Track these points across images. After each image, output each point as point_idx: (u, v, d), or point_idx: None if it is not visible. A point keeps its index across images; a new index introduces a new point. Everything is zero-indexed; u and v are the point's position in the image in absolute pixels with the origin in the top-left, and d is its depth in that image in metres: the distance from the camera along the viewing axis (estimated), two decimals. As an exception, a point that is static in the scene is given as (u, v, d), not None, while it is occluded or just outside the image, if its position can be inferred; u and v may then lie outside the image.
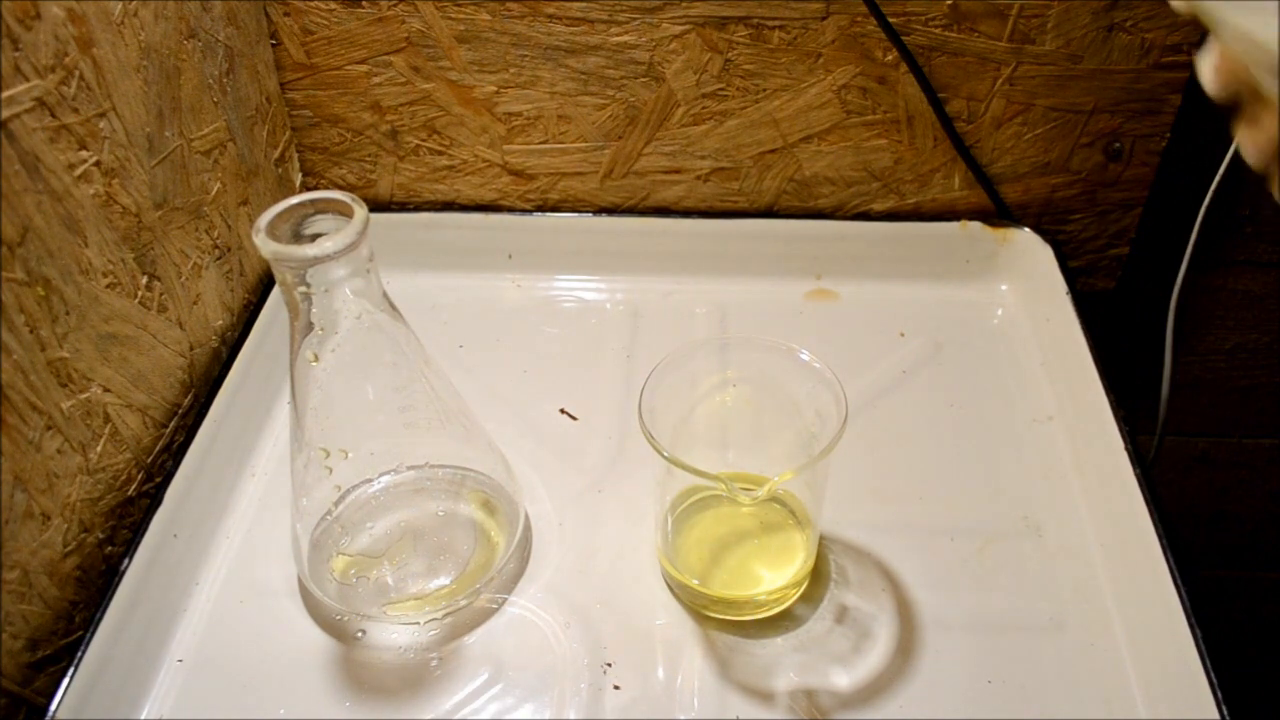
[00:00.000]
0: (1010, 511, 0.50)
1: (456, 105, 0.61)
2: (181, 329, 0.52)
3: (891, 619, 0.46)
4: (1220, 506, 0.85)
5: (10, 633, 0.40)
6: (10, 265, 0.39)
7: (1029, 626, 0.45)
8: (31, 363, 0.40)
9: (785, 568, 0.46)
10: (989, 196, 0.64)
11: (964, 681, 0.43)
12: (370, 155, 0.64)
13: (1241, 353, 0.74)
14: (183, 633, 0.46)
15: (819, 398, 0.43)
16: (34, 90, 0.40)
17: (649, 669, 0.44)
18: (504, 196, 0.66)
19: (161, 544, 0.46)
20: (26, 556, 0.41)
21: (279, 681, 0.44)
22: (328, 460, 0.43)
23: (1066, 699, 0.43)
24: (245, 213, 0.58)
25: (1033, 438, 0.54)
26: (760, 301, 0.63)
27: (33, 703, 0.42)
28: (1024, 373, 0.58)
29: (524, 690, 0.43)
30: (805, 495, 0.46)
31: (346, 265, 0.37)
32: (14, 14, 0.38)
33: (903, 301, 0.63)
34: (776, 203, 0.65)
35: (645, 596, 0.47)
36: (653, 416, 0.41)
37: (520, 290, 0.65)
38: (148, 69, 0.47)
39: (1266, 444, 0.80)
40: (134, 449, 0.48)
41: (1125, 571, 0.46)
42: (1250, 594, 0.91)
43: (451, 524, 0.48)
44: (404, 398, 0.44)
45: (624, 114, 0.61)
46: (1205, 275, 0.69)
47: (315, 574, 0.45)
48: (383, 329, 0.41)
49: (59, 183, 0.41)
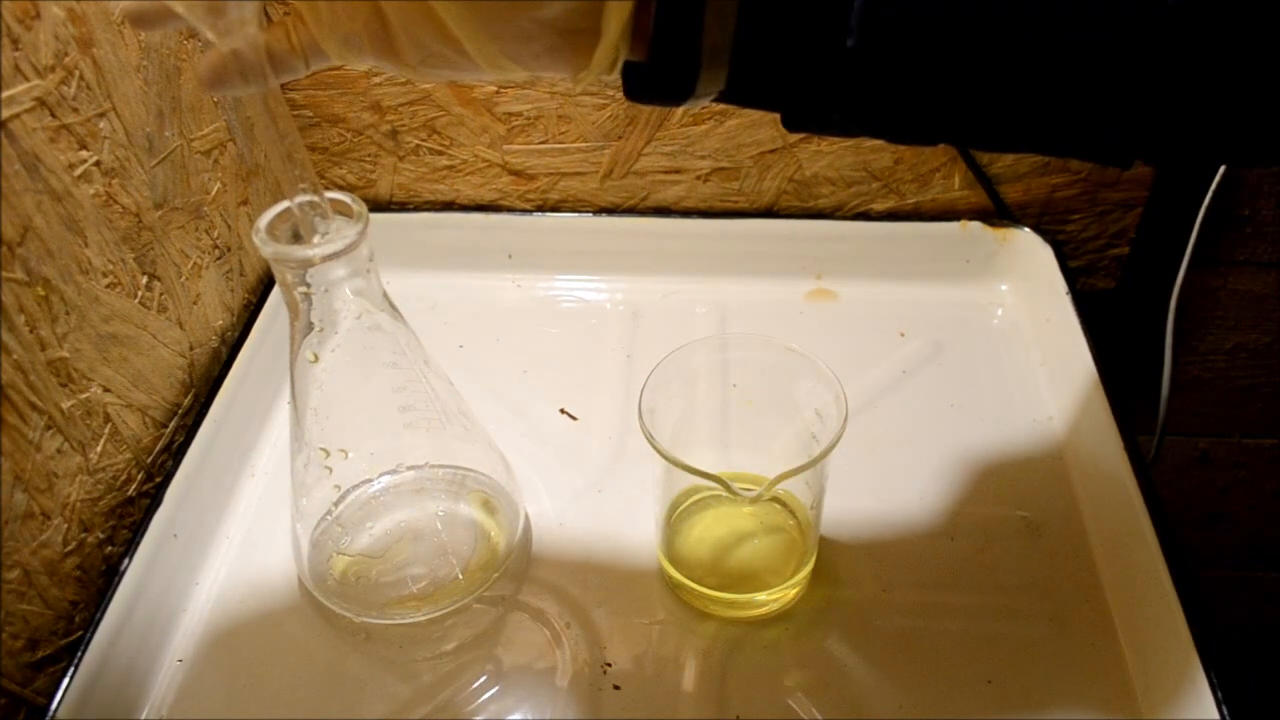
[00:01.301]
0: (1010, 511, 0.50)
1: (456, 105, 0.61)
2: (181, 329, 0.52)
3: (891, 619, 0.45)
4: (1220, 506, 0.85)
5: (10, 633, 0.40)
6: (10, 265, 0.39)
7: (1029, 626, 0.45)
8: (31, 363, 0.40)
9: (785, 568, 0.46)
10: (989, 196, 0.64)
11: (964, 681, 0.43)
12: (370, 155, 0.64)
13: (1241, 353, 0.74)
14: (183, 633, 0.46)
15: (819, 398, 0.43)
16: (34, 90, 0.40)
17: (649, 669, 0.44)
18: (504, 196, 0.66)
19: (161, 544, 0.46)
20: (26, 556, 0.41)
21: (279, 681, 0.44)
22: (328, 460, 0.43)
23: (1066, 699, 0.43)
24: (245, 213, 0.58)
25: (1033, 438, 0.54)
26: (760, 301, 0.63)
27: (33, 703, 0.42)
28: (1024, 373, 0.58)
29: (524, 690, 0.43)
30: (805, 495, 0.46)
31: (346, 265, 0.37)
32: (14, 14, 0.38)
33: (903, 301, 0.63)
34: (776, 203, 0.65)
35: (645, 596, 0.47)
36: (653, 416, 0.41)
37: (520, 290, 0.65)
38: (148, 69, 0.47)
39: (1266, 444, 0.80)
40: (134, 449, 0.48)
41: (1125, 571, 0.46)
42: (1250, 594, 0.91)
43: (451, 524, 0.48)
44: (404, 398, 0.44)
45: (624, 114, 0.61)
46: (1205, 275, 0.69)
47: (315, 574, 0.45)
48: (383, 329, 0.41)
49: (59, 183, 0.41)
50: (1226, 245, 0.68)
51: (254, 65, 0.29)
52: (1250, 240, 0.67)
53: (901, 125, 0.29)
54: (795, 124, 0.29)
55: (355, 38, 0.28)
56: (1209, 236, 0.66)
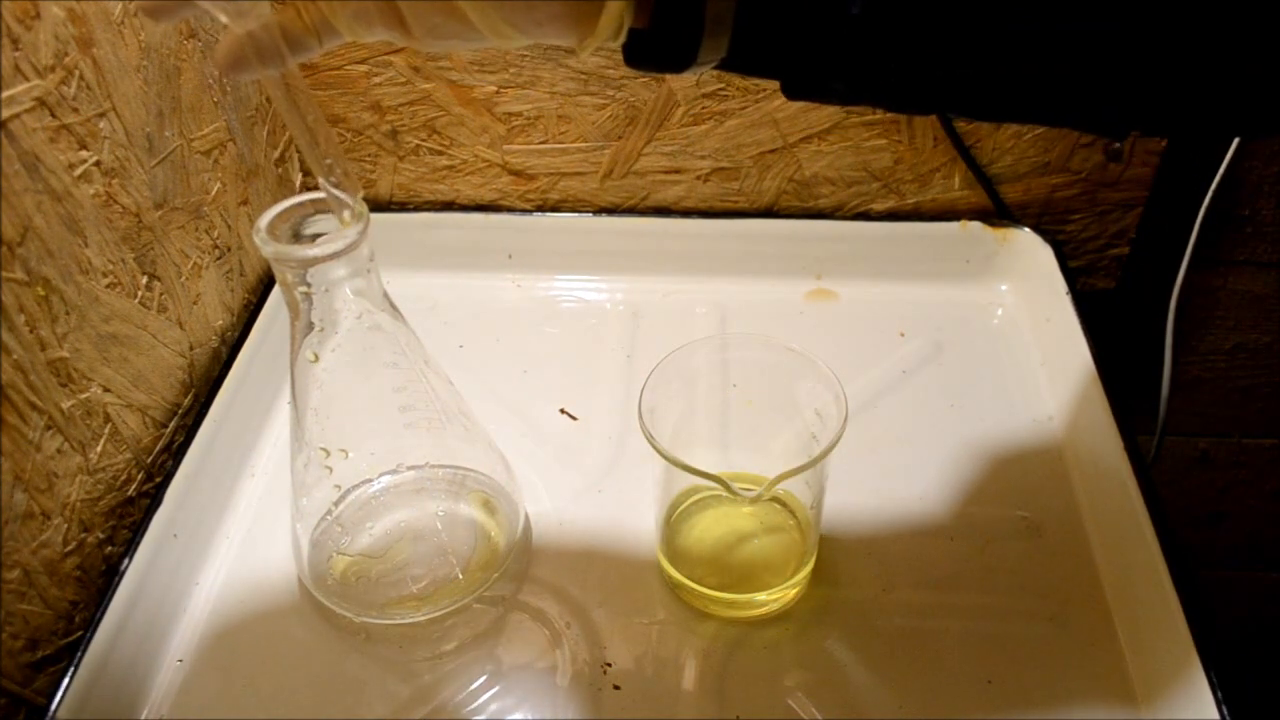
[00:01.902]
0: (1010, 511, 0.50)
1: (456, 105, 0.61)
2: (181, 329, 0.52)
3: (891, 619, 0.45)
4: (1220, 506, 0.85)
5: (10, 633, 0.40)
6: (10, 265, 0.39)
7: (1029, 626, 0.45)
8: (31, 363, 0.40)
9: (785, 568, 0.46)
10: (989, 196, 0.64)
11: (964, 681, 0.43)
12: (370, 155, 0.64)
13: (1241, 353, 0.74)
14: (183, 633, 0.46)
15: (819, 398, 0.43)
16: (34, 90, 0.40)
17: (649, 669, 0.44)
18: (504, 196, 0.66)
19: (161, 544, 0.46)
20: (26, 556, 0.41)
21: (279, 681, 0.44)
22: (328, 460, 0.43)
23: (1066, 699, 0.43)
24: (245, 213, 0.58)
25: (1033, 438, 0.54)
26: (760, 301, 0.63)
27: (33, 703, 0.42)
28: (1024, 373, 0.58)
29: (524, 690, 0.43)
30: (805, 495, 0.46)
31: (347, 265, 0.38)
32: (14, 14, 0.38)
33: (903, 301, 0.63)
34: (776, 203, 0.65)
35: (645, 596, 0.47)
36: (653, 416, 0.41)
37: (520, 290, 0.65)
38: (148, 69, 0.47)
39: (1266, 444, 0.80)
40: (134, 449, 0.48)
41: (1125, 571, 0.46)
42: (1250, 594, 0.91)
43: (451, 524, 0.48)
44: (404, 398, 0.44)
45: (624, 114, 0.61)
46: (1205, 275, 0.69)
47: (315, 574, 0.45)
48: (383, 329, 0.41)
49: (59, 183, 0.41)
50: (1226, 245, 0.68)
51: (270, 46, 0.29)
52: (1250, 240, 0.67)
53: (900, 95, 0.29)
54: (796, 91, 0.29)
55: (365, 11, 0.29)
56: (1209, 236, 0.66)
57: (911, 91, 0.28)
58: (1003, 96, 0.28)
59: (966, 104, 0.30)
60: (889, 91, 0.29)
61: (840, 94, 0.29)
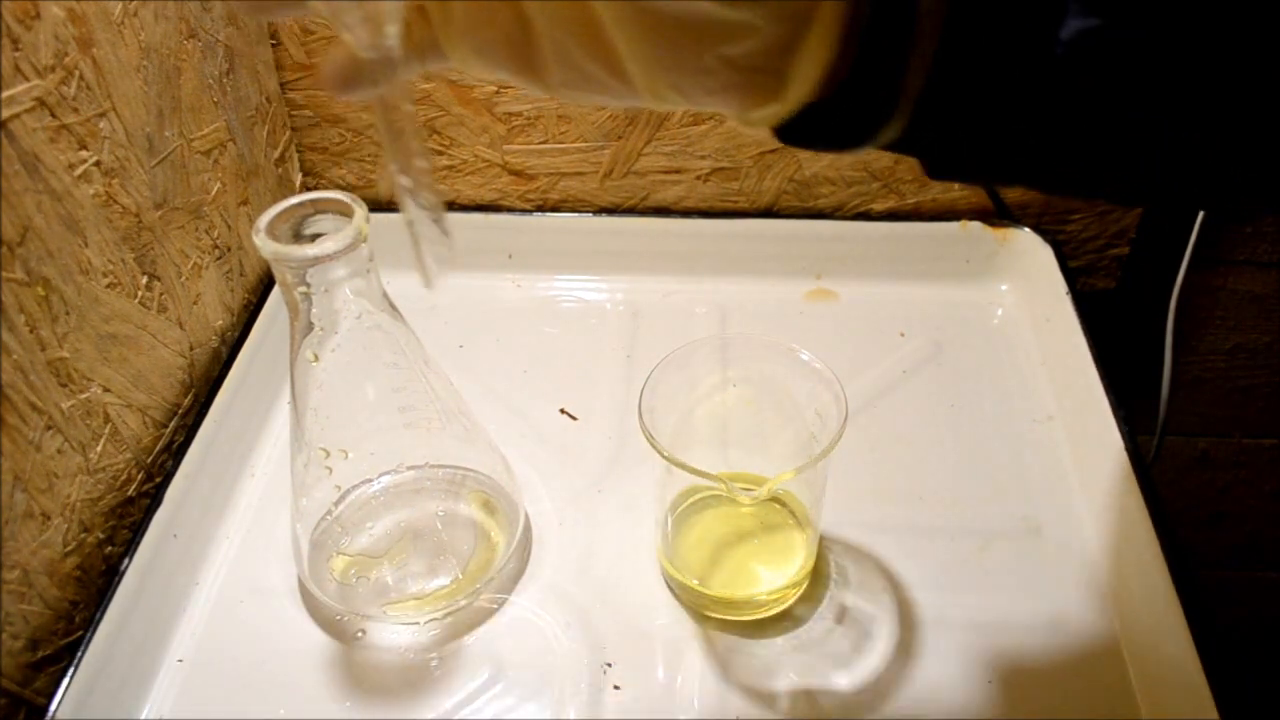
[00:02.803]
0: (1010, 511, 0.50)
1: (456, 105, 0.61)
2: (181, 329, 0.52)
3: (891, 619, 0.45)
4: (1220, 506, 0.85)
5: (10, 633, 0.40)
6: (10, 265, 0.39)
7: (1029, 626, 0.45)
8: (31, 363, 0.40)
9: (785, 568, 0.46)
10: (989, 196, 0.64)
11: (964, 681, 0.43)
12: (370, 155, 0.64)
13: (1241, 353, 0.74)
14: (183, 633, 0.46)
15: (819, 398, 0.43)
16: (34, 90, 0.40)
17: (649, 669, 0.44)
18: (504, 196, 0.66)
19: (161, 544, 0.46)
20: (26, 556, 0.41)
21: (279, 681, 0.44)
22: (328, 460, 0.43)
23: (1066, 699, 0.43)
24: (245, 213, 0.58)
25: (1033, 438, 0.54)
26: (760, 301, 0.63)
27: (33, 703, 0.42)
28: (1024, 373, 0.58)
29: (524, 690, 0.43)
30: (805, 495, 0.46)
31: (346, 265, 0.38)
32: (14, 14, 0.38)
33: (903, 301, 0.63)
34: (776, 203, 0.65)
35: (645, 596, 0.47)
36: (653, 416, 0.41)
37: (520, 290, 0.65)
38: (148, 69, 0.47)
39: (1266, 444, 0.80)
40: (134, 449, 0.48)
41: (1125, 571, 0.46)
42: (1250, 594, 0.91)
43: (451, 524, 0.48)
44: (404, 398, 0.44)
45: (624, 114, 0.61)
46: (1205, 275, 0.69)
47: (315, 574, 0.45)
48: (383, 329, 0.41)
49: (59, 183, 0.41)
50: (1226, 245, 0.68)
51: (382, 66, 0.26)
52: (1250, 240, 0.67)
53: (1053, 176, 0.26)
54: (941, 173, 0.26)
55: (490, 47, 0.25)
56: (1209, 236, 0.66)
57: (1058, 171, 0.25)
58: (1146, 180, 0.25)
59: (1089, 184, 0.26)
60: (1050, 171, 0.25)
61: (984, 176, 0.26)
